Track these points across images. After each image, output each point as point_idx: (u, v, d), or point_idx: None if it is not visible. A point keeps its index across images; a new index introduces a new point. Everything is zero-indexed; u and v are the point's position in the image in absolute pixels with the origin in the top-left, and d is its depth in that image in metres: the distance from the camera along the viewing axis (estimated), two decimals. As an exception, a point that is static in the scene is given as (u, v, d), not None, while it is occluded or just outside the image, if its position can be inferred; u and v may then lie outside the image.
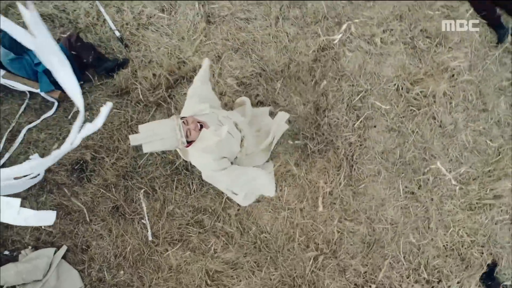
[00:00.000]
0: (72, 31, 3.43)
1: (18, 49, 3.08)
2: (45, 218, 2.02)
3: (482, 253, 3.43)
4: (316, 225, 3.30)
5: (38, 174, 3.13)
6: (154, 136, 1.86)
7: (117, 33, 3.64)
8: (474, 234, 3.42)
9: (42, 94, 3.29)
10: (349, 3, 3.78)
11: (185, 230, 3.21)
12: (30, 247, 3.09)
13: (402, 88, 3.57)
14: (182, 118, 1.98)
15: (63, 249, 3.10)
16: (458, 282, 3.32)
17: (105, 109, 1.81)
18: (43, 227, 3.15)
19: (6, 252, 3.08)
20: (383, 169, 3.43)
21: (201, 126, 1.99)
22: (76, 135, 1.84)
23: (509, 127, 3.61)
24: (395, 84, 3.58)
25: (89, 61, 3.33)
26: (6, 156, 3.29)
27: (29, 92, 3.36)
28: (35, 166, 2.11)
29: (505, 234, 3.48)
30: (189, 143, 2.01)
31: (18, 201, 1.88)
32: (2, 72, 3.25)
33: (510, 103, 3.65)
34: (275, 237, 3.27)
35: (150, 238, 3.21)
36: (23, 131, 3.34)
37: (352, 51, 3.69)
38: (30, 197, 3.20)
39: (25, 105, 3.42)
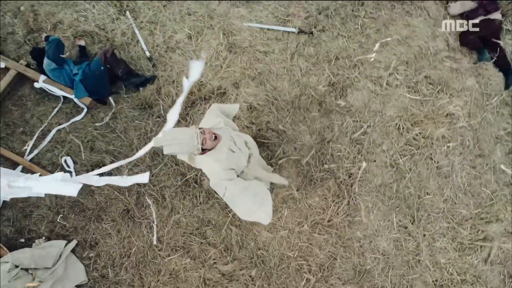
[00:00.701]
0: (108, 47, 3.92)
1: (59, 61, 3.57)
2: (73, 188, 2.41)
3: (472, 294, 3.61)
4: (311, 248, 3.55)
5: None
6: (174, 140, 2.21)
7: (147, 53, 4.13)
8: (464, 274, 3.61)
9: (75, 100, 3.73)
10: (359, 46, 4.22)
11: (188, 239, 3.49)
12: (43, 237, 3.40)
13: (403, 128, 3.91)
14: (200, 128, 2.34)
15: (73, 243, 3.40)
16: (445, 320, 3.48)
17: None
18: (58, 220, 3.48)
19: (22, 240, 3.40)
20: (379, 201, 3.70)
21: (216, 137, 2.35)
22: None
23: (503, 174, 3.87)
24: (396, 124, 3.93)
25: (120, 74, 3.79)
26: (35, 151, 3.68)
27: (63, 97, 3.81)
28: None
29: (496, 277, 3.65)
30: (203, 151, 2.35)
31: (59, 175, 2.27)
32: (43, 77, 3.72)
33: (506, 151, 3.94)
34: (272, 255, 3.51)
35: (154, 242, 3.49)
36: (53, 131, 3.75)
37: (359, 89, 4.08)
38: (51, 193, 3.55)
39: (58, 108, 3.86)
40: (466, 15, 4.26)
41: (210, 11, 4.37)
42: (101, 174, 3.46)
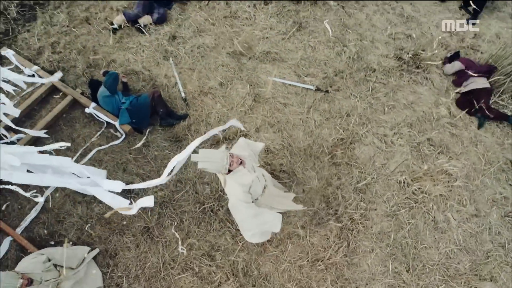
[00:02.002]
0: (157, 89, 4.71)
1: (113, 90, 4.33)
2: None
3: None
4: (310, 283, 3.88)
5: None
6: (208, 158, 2.79)
7: (183, 94, 4.88)
8: (456, 328, 3.84)
9: (117, 126, 4.43)
10: (369, 107, 4.87)
11: (199, 260, 3.90)
12: (70, 242, 3.87)
13: (403, 182, 4.39)
14: (230, 153, 2.92)
15: (96, 251, 3.84)
16: None
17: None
18: (86, 229, 3.98)
19: (52, 242, 3.88)
20: (377, 247, 4.07)
21: (241, 162, 2.93)
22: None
23: (499, 236, 4.22)
24: (398, 178, 4.42)
25: (160, 113, 4.51)
26: (76, 167, 4.31)
27: (107, 122, 4.52)
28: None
29: (488, 336, 3.86)
30: (229, 172, 2.92)
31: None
32: (94, 104, 4.48)
33: (502, 214, 4.33)
34: (273, 285, 3.86)
35: (182, 251, 3.91)
36: (94, 151, 4.40)
37: (366, 145, 4.65)
38: (83, 203, 4.10)
39: (101, 132, 4.55)
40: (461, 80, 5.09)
41: (241, 65, 5.19)
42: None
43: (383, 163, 4.54)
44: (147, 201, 3.03)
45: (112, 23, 5.34)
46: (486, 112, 4.80)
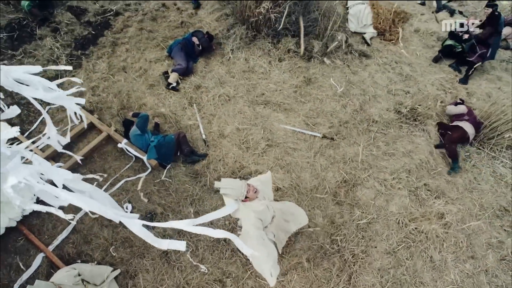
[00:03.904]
0: (182, 130, 5.41)
1: (143, 129, 5.00)
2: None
3: None
4: (313, 313, 4.18)
5: None
6: (229, 186, 3.38)
7: (204, 136, 5.53)
8: None
9: (144, 160, 5.03)
10: (371, 154, 5.42)
11: (211, 286, 4.26)
12: (95, 262, 4.29)
13: (402, 223, 4.80)
14: (247, 183, 3.48)
15: (117, 271, 4.24)
16: None
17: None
18: (110, 250, 4.41)
19: (78, 261, 4.30)
20: (377, 283, 4.39)
21: (256, 191, 3.47)
22: None
23: (496, 278, 4.50)
24: (397, 219, 4.84)
25: (184, 152, 5.14)
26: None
27: (136, 157, 5.13)
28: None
29: None
30: (246, 198, 3.44)
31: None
32: (125, 141, 5.13)
33: (498, 258, 4.63)
34: (278, 313, 4.17)
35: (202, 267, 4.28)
36: (122, 182, 4.97)
37: (368, 188, 5.13)
38: (109, 226, 4.58)
39: (130, 165, 5.15)
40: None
41: (256, 113, 5.88)
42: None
43: (383, 205, 4.97)
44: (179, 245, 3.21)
45: (169, 84, 6.15)
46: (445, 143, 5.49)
